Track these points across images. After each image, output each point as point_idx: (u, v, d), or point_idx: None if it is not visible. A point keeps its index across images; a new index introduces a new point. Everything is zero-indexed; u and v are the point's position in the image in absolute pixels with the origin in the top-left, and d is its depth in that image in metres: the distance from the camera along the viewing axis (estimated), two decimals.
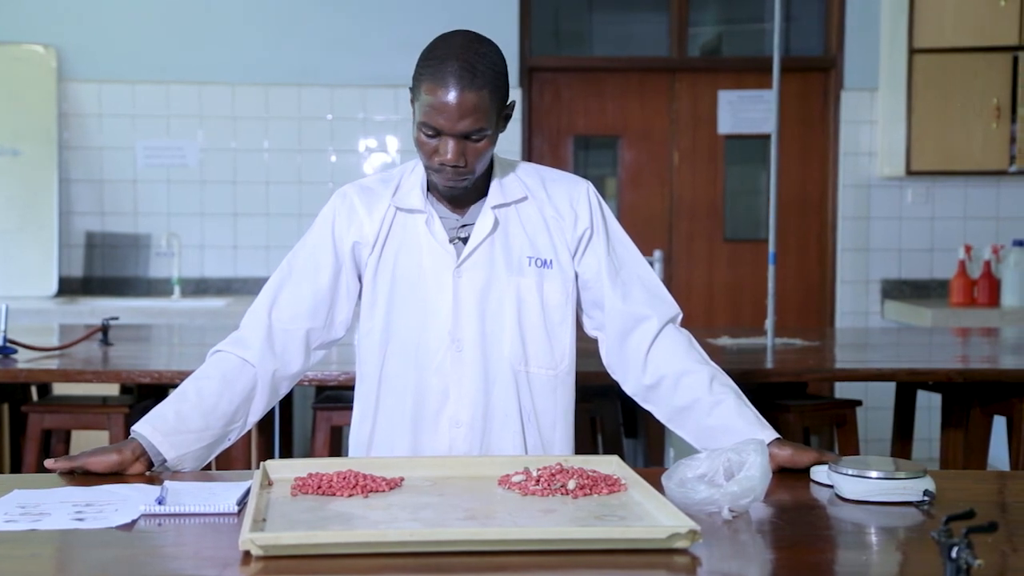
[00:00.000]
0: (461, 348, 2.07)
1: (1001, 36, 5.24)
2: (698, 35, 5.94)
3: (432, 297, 2.08)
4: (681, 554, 1.47)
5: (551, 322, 2.11)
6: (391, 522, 1.59)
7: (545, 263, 2.10)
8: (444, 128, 1.95)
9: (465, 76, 1.93)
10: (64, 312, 4.97)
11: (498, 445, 2.10)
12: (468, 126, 1.95)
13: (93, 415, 3.44)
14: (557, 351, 2.12)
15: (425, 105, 1.95)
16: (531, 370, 2.10)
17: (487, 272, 2.08)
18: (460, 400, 2.08)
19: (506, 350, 2.08)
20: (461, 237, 2.10)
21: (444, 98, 1.93)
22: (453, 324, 2.07)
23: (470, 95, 1.93)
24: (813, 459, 1.93)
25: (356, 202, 2.12)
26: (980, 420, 3.55)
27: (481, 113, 1.95)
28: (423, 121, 1.96)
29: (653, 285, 2.16)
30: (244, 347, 2.10)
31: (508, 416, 2.09)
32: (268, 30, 5.51)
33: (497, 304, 2.08)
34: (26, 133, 5.35)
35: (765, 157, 5.52)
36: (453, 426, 2.09)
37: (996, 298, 5.36)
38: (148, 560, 1.48)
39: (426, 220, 2.09)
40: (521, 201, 2.12)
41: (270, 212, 5.55)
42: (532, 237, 2.11)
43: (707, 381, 2.05)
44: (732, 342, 3.76)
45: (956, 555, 1.20)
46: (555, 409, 2.13)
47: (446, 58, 1.95)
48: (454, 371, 2.08)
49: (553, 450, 2.13)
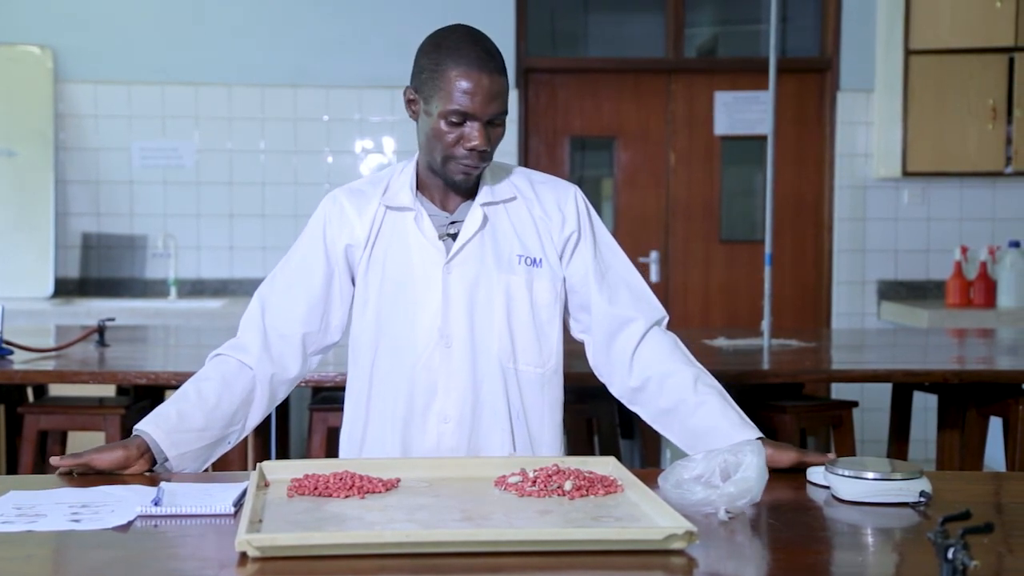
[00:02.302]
0: (450, 344, 2.08)
1: (997, 37, 5.25)
2: (694, 36, 5.95)
3: (421, 293, 2.09)
4: (678, 555, 1.47)
5: (540, 320, 2.12)
6: (387, 523, 1.59)
7: (535, 262, 2.12)
8: (476, 111, 1.98)
9: (489, 60, 1.99)
10: (60, 313, 4.96)
11: (486, 441, 2.10)
12: (496, 108, 2.00)
13: (89, 416, 3.44)
14: (545, 349, 2.13)
15: (453, 92, 1.97)
16: (520, 367, 2.11)
17: (476, 269, 2.09)
18: (448, 396, 2.09)
19: (495, 347, 2.09)
20: (450, 234, 2.11)
21: (475, 82, 1.97)
22: (442, 320, 2.08)
23: (497, 78, 1.99)
24: (793, 459, 1.94)
25: (346, 205, 2.14)
26: (976, 421, 3.56)
27: (505, 97, 2.01)
28: (450, 109, 1.98)
29: (639, 288, 2.18)
30: (242, 351, 2.12)
31: (496, 413, 2.10)
32: (264, 31, 5.51)
33: (486, 301, 2.09)
34: (22, 134, 5.34)
35: (761, 158, 5.52)
36: (441, 422, 2.09)
37: (992, 299, 5.37)
38: (144, 561, 1.48)
39: (415, 217, 2.10)
40: (510, 200, 2.14)
41: (266, 213, 5.55)
42: (521, 236, 2.13)
43: (691, 382, 2.06)
44: (728, 343, 3.76)
45: (952, 556, 1.20)
46: (543, 406, 2.14)
47: (464, 44, 1.99)
48: (443, 367, 2.08)
49: (541, 447, 2.14)
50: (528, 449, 2.12)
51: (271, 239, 5.54)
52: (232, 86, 5.51)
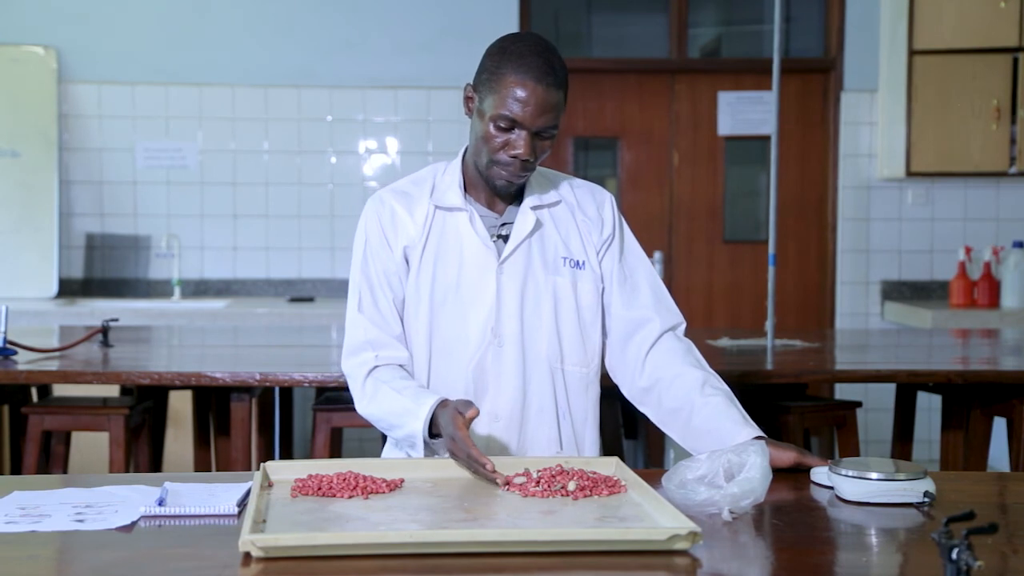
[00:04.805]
0: (502, 344, 2.11)
1: (1001, 37, 5.24)
2: (698, 36, 5.95)
3: (475, 293, 2.11)
4: (681, 555, 1.47)
5: (584, 321, 2.16)
6: (391, 523, 1.59)
7: (578, 264, 2.16)
8: (524, 121, 1.99)
9: (549, 73, 2.00)
10: (64, 313, 4.96)
11: (534, 440, 2.13)
12: (546, 122, 2.01)
13: (93, 416, 3.44)
14: (589, 350, 2.17)
15: (507, 97, 1.99)
16: (566, 368, 2.15)
17: (525, 270, 2.12)
18: (500, 395, 2.11)
19: (544, 347, 2.12)
20: (501, 235, 2.14)
21: (530, 92, 1.98)
22: (496, 320, 2.10)
23: (553, 92, 2.00)
24: (793, 459, 1.95)
25: (396, 206, 2.15)
26: (980, 421, 3.55)
27: (558, 112, 2.02)
28: (500, 114, 2.00)
29: (660, 293, 2.22)
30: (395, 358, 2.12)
31: (544, 412, 2.13)
32: (268, 31, 5.51)
33: (534, 302, 2.12)
34: (26, 134, 5.35)
35: (765, 158, 5.52)
36: (492, 420, 2.12)
37: (996, 299, 5.36)
38: (148, 561, 1.48)
39: (468, 217, 2.12)
40: (555, 204, 2.18)
41: (270, 213, 5.55)
42: (565, 239, 2.16)
43: (699, 384, 2.08)
44: (732, 343, 3.76)
45: (956, 556, 1.20)
46: (586, 406, 2.18)
47: (528, 54, 2.00)
48: (494, 366, 2.11)
49: (584, 445, 2.18)
50: (573, 448, 2.16)
51: (274, 239, 5.54)
52: (236, 86, 5.51)
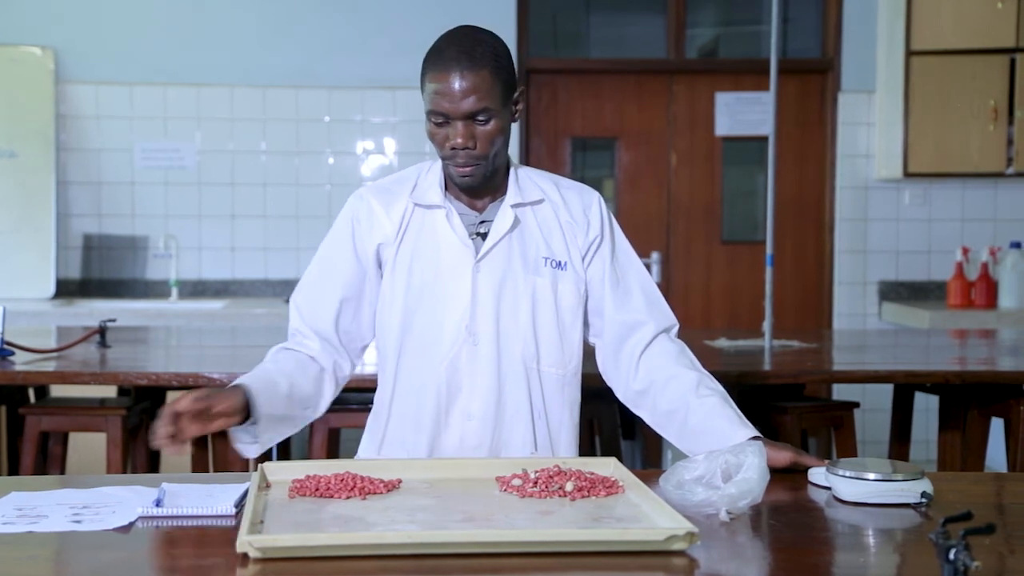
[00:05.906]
0: (477, 342, 2.09)
1: (998, 38, 5.25)
2: (695, 37, 5.95)
3: (450, 291, 2.10)
4: (679, 556, 1.47)
5: (563, 323, 2.14)
6: (389, 524, 1.59)
7: (560, 265, 2.14)
8: (449, 111, 2.00)
9: (463, 58, 1.99)
10: (61, 314, 4.96)
11: (508, 439, 2.12)
12: (471, 106, 1.99)
13: (91, 417, 3.43)
14: (567, 351, 2.15)
15: (431, 93, 2.01)
16: (542, 368, 2.13)
17: (504, 269, 2.11)
18: (473, 394, 2.10)
19: (519, 347, 2.11)
20: (479, 233, 2.13)
21: (445, 81, 1.99)
22: (470, 318, 2.09)
23: (469, 75, 1.99)
24: (789, 459, 1.94)
25: (374, 203, 2.15)
26: (978, 422, 3.55)
27: (483, 92, 2.00)
28: (431, 110, 2.02)
29: (652, 295, 2.21)
30: (304, 345, 2.14)
31: (519, 411, 2.12)
32: (266, 32, 5.51)
33: (512, 301, 2.11)
34: (23, 135, 5.34)
35: (763, 159, 5.51)
36: (465, 419, 2.11)
37: (993, 300, 5.36)
38: (145, 562, 1.48)
39: (446, 215, 2.11)
40: (538, 203, 2.16)
41: (268, 214, 5.55)
42: (547, 239, 2.15)
43: (693, 385, 2.07)
44: (729, 344, 3.76)
45: (954, 557, 1.20)
46: (563, 407, 2.16)
47: (444, 46, 2.02)
48: (469, 365, 2.10)
49: (559, 447, 2.16)
50: (547, 448, 2.14)
51: (272, 240, 5.54)
52: (234, 87, 5.51)
